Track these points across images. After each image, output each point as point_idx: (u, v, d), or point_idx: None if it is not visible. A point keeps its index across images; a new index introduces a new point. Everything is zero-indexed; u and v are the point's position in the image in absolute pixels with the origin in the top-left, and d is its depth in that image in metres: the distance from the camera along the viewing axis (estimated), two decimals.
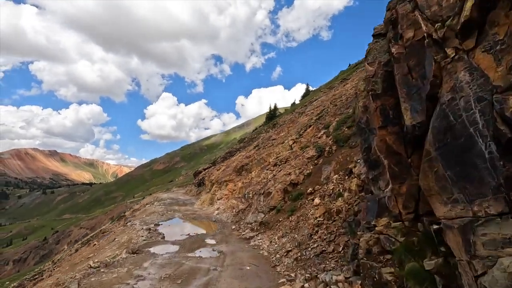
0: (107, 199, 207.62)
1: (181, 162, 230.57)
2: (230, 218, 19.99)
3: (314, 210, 12.17)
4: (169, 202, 37.63)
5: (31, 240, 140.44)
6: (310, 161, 17.27)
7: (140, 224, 16.94)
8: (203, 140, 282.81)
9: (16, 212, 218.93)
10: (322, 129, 19.82)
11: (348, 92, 24.78)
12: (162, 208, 29.68)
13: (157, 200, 43.91)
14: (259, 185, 21.18)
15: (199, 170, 49.93)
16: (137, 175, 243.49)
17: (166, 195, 50.85)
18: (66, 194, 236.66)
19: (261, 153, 27.50)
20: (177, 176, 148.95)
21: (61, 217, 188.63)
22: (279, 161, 22.29)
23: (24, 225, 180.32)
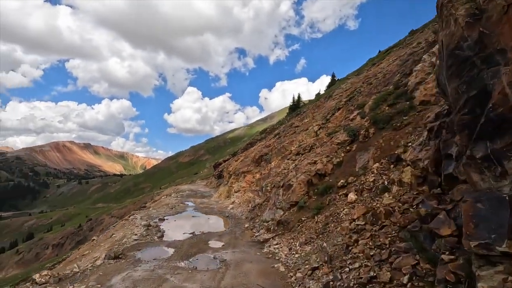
0: (136, 189, 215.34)
1: (205, 155, 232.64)
2: (244, 214, 17.27)
3: (349, 209, 9.02)
4: (187, 194, 35.90)
5: (68, 226, 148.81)
6: (341, 148, 13.95)
7: (141, 219, 14.80)
8: (227, 133, 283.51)
9: (56, 200, 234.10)
10: (354, 110, 16.28)
11: (385, 70, 20.78)
12: (177, 200, 27.77)
13: (177, 191, 42.58)
14: (278, 176, 18.23)
15: (219, 162, 47.89)
16: (163, 167, 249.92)
17: (187, 187, 49.56)
18: (99, 184, 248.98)
19: (282, 141, 24.38)
20: (202, 168, 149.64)
21: (95, 206, 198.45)
22: (302, 150, 19.09)
23: (62, 212, 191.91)
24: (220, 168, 44.64)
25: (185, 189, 43.13)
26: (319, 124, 20.98)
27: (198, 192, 39.43)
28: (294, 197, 12.98)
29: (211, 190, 41.03)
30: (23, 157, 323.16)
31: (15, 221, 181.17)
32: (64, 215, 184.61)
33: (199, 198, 30.31)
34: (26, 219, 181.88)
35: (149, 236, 11.62)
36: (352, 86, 25.89)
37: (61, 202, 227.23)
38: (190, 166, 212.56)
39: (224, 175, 32.52)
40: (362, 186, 9.86)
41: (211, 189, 44.33)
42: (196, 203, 26.75)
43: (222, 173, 41.21)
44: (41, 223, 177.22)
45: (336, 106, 21.32)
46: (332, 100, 25.54)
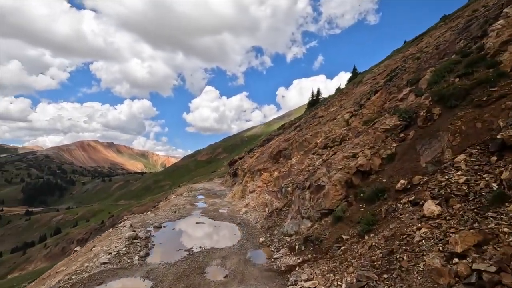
0: (156, 187, 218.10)
1: (223, 153, 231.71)
2: (260, 221, 13.79)
3: (431, 230, 5.31)
4: (200, 193, 33.09)
5: (92, 222, 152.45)
6: (390, 136, 10.10)
7: (131, 227, 11.72)
8: (244, 132, 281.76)
9: (81, 197, 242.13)
10: (403, 89, 12.25)
11: (436, 42, 16.52)
12: (186, 200, 24.84)
13: (190, 190, 39.97)
14: (301, 174, 14.61)
15: (234, 159, 44.72)
16: (182, 165, 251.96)
17: (201, 185, 46.97)
18: (121, 182, 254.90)
19: (304, 134, 20.62)
20: (219, 166, 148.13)
21: (117, 203, 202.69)
22: (330, 142, 15.31)
23: (87, 208, 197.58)
24: (235, 166, 41.57)
25: (199, 188, 40.49)
26: (351, 111, 17.05)
27: (211, 191, 36.56)
28: (327, 203, 9.33)
29: (225, 189, 38.07)
30: (52, 156, 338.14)
31: (44, 216, 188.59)
32: (88, 211, 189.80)
33: (211, 198, 27.26)
34: (54, 215, 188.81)
35: (128, 256, 8.43)
36: (388, 68, 21.65)
37: (86, 199, 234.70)
38: (208, 164, 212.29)
39: (239, 173, 29.23)
40: (446, 190, 6.06)
41: (225, 188, 41.39)
42: (207, 203, 23.65)
43: (237, 171, 38.02)
44: (67, 218, 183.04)
45: (372, 89, 17.30)
46: (363, 85, 21.44)
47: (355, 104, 17.74)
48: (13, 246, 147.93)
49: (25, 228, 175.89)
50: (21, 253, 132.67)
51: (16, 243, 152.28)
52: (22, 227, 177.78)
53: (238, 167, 35.43)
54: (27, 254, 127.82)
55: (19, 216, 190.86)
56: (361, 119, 15.46)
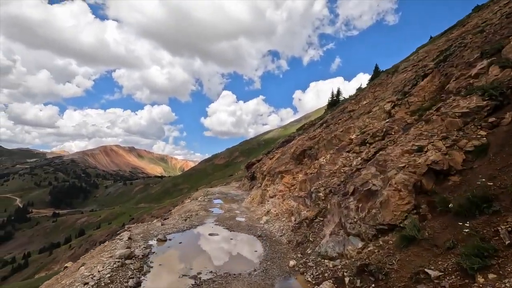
0: (175, 190, 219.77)
1: (240, 157, 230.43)
2: (286, 233, 11.13)
3: None
4: (215, 198, 30.85)
5: (114, 225, 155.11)
6: (473, 121, 7.19)
7: (128, 241, 9.40)
8: (261, 135, 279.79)
9: (104, 200, 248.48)
10: (477, 62, 9.19)
11: (502, 12, 13.30)
12: (201, 205, 22.62)
13: (206, 194, 37.97)
14: (335, 176, 11.85)
15: (252, 161, 42.31)
16: (200, 169, 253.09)
17: (218, 189, 44.90)
18: (141, 185, 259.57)
19: (333, 130, 17.74)
20: (236, 170, 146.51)
21: (138, 206, 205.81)
22: (369, 137, 12.43)
23: (109, 211, 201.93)
24: (252, 169, 39.17)
25: (216, 192, 38.39)
26: (392, 101, 14.05)
27: (228, 195, 34.24)
28: (386, 216, 6.55)
29: (243, 193, 35.68)
30: (77, 160, 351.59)
31: (69, 218, 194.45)
32: (111, 214, 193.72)
33: (227, 203, 24.90)
34: (78, 217, 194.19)
35: (112, 286, 6.09)
36: (430, 53, 18.40)
37: (109, 202, 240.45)
38: (225, 168, 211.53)
39: (257, 177, 26.68)
40: None
41: (243, 191, 38.99)
42: (223, 209, 21.26)
43: (255, 174, 35.50)
44: (91, 220, 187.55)
45: (418, 74, 14.22)
46: (401, 74, 18.30)
47: (396, 93, 14.71)
48: (41, 246, 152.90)
49: (52, 229, 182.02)
50: (48, 253, 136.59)
51: (43, 243, 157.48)
52: (50, 228, 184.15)
53: (256, 170, 32.91)
54: (53, 254, 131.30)
55: (47, 218, 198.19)
56: (407, 109, 12.48)
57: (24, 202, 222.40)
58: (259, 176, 27.68)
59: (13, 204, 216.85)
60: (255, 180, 36.91)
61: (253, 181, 38.90)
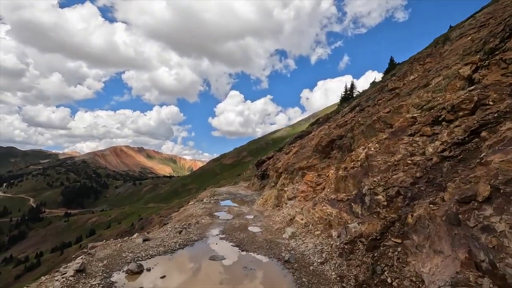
0: (183, 190, 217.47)
1: (248, 157, 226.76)
2: (330, 260, 7.12)
3: None
4: (223, 198, 26.99)
5: (123, 224, 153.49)
6: None
7: (80, 276, 5.59)
8: (269, 135, 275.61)
9: (114, 200, 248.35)
10: None
11: None
12: (205, 209, 18.75)
13: (213, 194, 34.16)
14: (398, 170, 7.77)
15: (262, 159, 38.32)
16: (208, 169, 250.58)
17: (226, 189, 41.07)
18: (150, 185, 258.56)
19: (373, 112, 13.50)
20: (245, 170, 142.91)
21: (147, 206, 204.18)
22: (446, 113, 8.25)
23: (119, 211, 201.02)
24: (263, 167, 35.16)
25: (223, 192, 34.58)
26: (473, 62, 9.77)
27: (237, 195, 30.33)
28: None
29: (253, 194, 31.77)
30: (88, 161, 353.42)
31: (80, 218, 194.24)
32: (120, 214, 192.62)
33: (236, 206, 20.97)
34: (89, 217, 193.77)
35: None
36: (496, 13, 13.98)
37: (119, 202, 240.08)
38: (233, 167, 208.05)
39: (270, 174, 22.61)
40: None
41: (253, 192, 35.11)
42: (231, 214, 17.30)
43: (267, 172, 31.42)
44: (101, 220, 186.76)
45: (495, 31, 9.91)
46: (462, 39, 13.98)
47: (472, 54, 10.42)
48: (53, 246, 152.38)
49: (64, 229, 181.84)
50: (59, 253, 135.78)
51: (56, 243, 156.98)
52: (62, 228, 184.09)
53: (269, 168, 28.84)
54: (64, 254, 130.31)
55: (59, 218, 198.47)
56: (505, 69, 8.15)
57: (37, 202, 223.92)
58: (272, 174, 23.62)
59: (27, 204, 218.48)
60: (267, 179, 32.82)
61: (264, 180, 34.85)
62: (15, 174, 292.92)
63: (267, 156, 37.22)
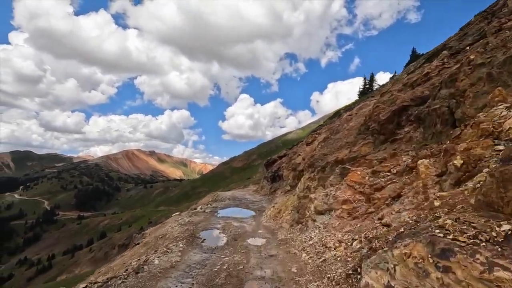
0: (193, 193, 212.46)
1: (258, 160, 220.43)
2: None
3: None
4: (224, 205, 20.34)
5: (133, 227, 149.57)
6: None
7: None
8: (279, 138, 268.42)
9: (125, 203, 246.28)
10: None
11: None
12: (189, 226, 12.16)
13: (215, 199, 27.58)
14: None
15: (273, 158, 31.61)
16: (218, 172, 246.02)
17: (231, 193, 34.45)
18: (161, 188, 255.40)
19: None
20: (254, 173, 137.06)
21: (158, 209, 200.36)
22: None
23: (130, 214, 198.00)
24: (274, 167, 28.34)
25: (227, 197, 28.01)
26: None
27: (242, 201, 23.72)
28: None
29: (262, 199, 25.15)
30: (101, 164, 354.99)
31: (93, 220, 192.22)
32: (131, 217, 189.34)
33: (238, 218, 14.30)
34: (101, 219, 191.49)
35: None
36: None
37: (130, 204, 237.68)
38: (243, 171, 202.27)
39: (284, 175, 15.71)
40: None
41: (261, 196, 28.48)
42: (226, 234, 10.70)
43: (279, 172, 24.66)
44: (113, 223, 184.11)
45: None
46: None
47: None
48: (66, 248, 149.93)
49: (76, 232, 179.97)
50: (70, 255, 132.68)
51: (68, 245, 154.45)
52: (74, 230, 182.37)
53: (282, 167, 22.04)
54: (75, 257, 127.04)
55: (72, 220, 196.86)
56: None
57: (52, 204, 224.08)
58: (287, 174, 16.77)
59: (42, 207, 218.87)
60: (279, 182, 26.04)
61: (275, 183, 28.12)
62: (31, 177, 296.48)
63: (278, 155, 30.47)
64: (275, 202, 15.21)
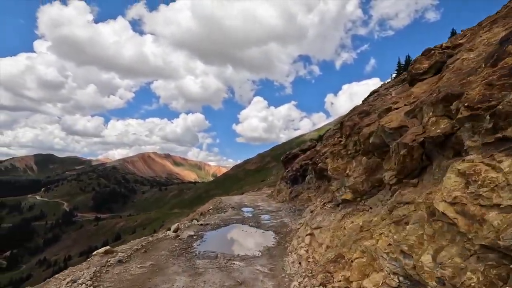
0: (207, 196, 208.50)
1: (272, 162, 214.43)
2: None
3: None
4: (220, 222, 13.24)
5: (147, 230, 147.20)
6: None
7: None
8: (293, 140, 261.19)
9: (141, 205, 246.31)
10: None
11: None
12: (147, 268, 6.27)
13: (216, 207, 21.49)
14: None
15: (293, 153, 25.13)
16: (232, 174, 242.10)
17: (239, 199, 28.10)
18: (176, 191, 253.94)
19: None
20: (268, 175, 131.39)
21: (172, 211, 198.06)
22: None
23: (145, 216, 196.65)
24: (295, 163, 21.73)
25: (233, 204, 21.73)
26: None
27: (253, 213, 17.43)
28: None
29: (279, 208, 18.74)
30: (118, 167, 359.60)
31: (109, 222, 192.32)
32: (146, 219, 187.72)
33: (230, 268, 8.07)
34: (117, 221, 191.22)
35: None
36: None
37: (145, 207, 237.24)
38: (257, 173, 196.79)
39: (330, 169, 8.77)
40: None
41: (279, 204, 22.06)
42: None
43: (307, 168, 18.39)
44: (128, 225, 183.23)
45: None
46: None
47: None
48: (82, 249, 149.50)
49: (93, 233, 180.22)
50: (85, 257, 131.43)
51: (85, 246, 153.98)
52: (91, 232, 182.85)
53: (315, 158, 15.75)
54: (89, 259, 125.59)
55: (90, 221, 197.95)
56: None
57: (71, 206, 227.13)
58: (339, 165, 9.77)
59: (61, 208, 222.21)
60: (302, 184, 19.60)
61: (297, 185, 21.61)
62: (52, 180, 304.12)
63: (301, 148, 24.06)
64: (315, 225, 8.61)
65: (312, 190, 17.03)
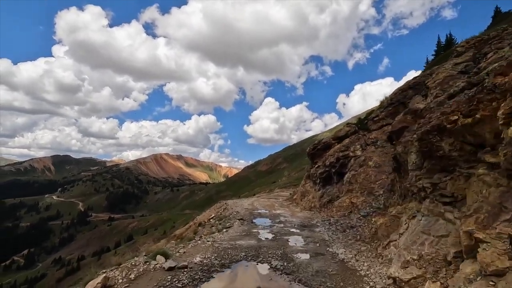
0: (218, 197, 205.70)
1: (283, 163, 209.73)
2: None
3: None
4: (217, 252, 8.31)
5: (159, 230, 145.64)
6: None
7: None
8: (305, 140, 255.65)
9: (153, 206, 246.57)
10: None
11: None
12: None
13: (219, 218, 16.52)
14: None
15: (324, 141, 20.51)
16: (243, 175, 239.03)
17: (250, 203, 23.29)
18: (187, 192, 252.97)
19: None
20: (280, 177, 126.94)
21: (183, 212, 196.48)
22: None
23: (157, 217, 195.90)
24: (327, 156, 17.09)
25: (245, 210, 17.06)
26: None
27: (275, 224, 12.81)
28: None
29: (312, 220, 14.10)
30: (131, 168, 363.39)
31: (122, 222, 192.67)
32: (158, 220, 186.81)
33: None
34: (130, 222, 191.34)
35: None
36: None
37: (157, 207, 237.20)
38: (268, 174, 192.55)
39: None
40: None
41: (306, 212, 17.49)
42: None
43: (351, 168, 14.22)
44: (140, 226, 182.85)
45: None
46: None
47: None
48: (95, 249, 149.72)
49: (106, 233, 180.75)
50: (98, 257, 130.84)
51: (98, 246, 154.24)
52: (104, 232, 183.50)
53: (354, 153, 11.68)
54: (101, 259, 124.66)
55: (103, 222, 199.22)
56: None
57: (85, 206, 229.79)
58: None
59: (77, 208, 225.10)
60: (339, 184, 15.36)
61: (330, 187, 17.30)
62: (68, 180, 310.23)
63: (335, 135, 19.69)
64: None
65: (356, 192, 12.79)
